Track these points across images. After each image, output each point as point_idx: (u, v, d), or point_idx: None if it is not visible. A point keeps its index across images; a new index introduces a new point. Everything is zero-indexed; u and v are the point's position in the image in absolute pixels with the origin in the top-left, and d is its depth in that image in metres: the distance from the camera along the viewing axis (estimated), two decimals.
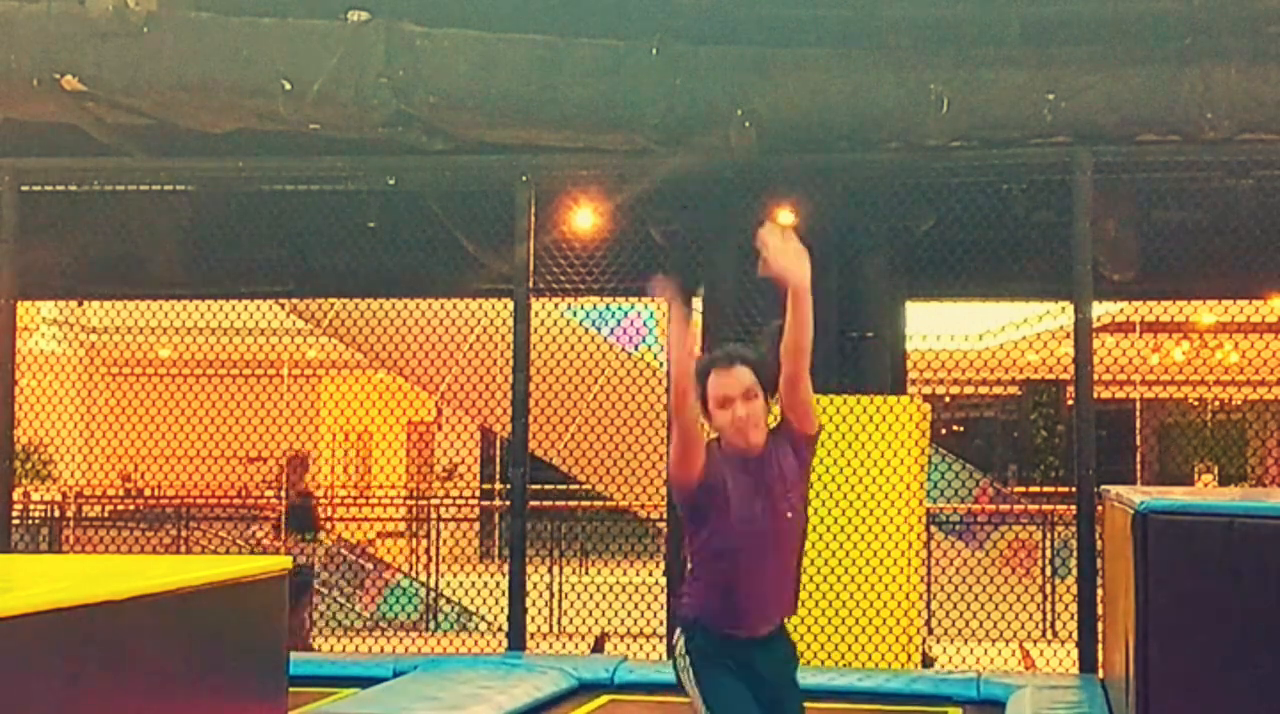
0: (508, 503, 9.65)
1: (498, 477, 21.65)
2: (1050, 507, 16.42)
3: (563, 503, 17.56)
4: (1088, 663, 8.22)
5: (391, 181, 9.42)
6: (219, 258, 10.53)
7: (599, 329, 15.77)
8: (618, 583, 13.34)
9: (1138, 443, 18.79)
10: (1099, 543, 8.16)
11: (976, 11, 8.55)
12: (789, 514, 4.50)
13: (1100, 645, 8.09)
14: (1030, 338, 18.54)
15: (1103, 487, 7.81)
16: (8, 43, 8.51)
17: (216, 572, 5.28)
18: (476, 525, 20.45)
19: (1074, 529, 8.82)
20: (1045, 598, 14.64)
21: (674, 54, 8.52)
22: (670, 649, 4.65)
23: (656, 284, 4.61)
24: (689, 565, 4.53)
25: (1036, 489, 20.34)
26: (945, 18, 8.60)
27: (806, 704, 4.62)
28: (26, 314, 13.98)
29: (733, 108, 8.45)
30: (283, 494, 12.99)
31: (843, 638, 8.63)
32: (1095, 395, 8.54)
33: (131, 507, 19.91)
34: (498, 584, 10.40)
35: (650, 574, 13.12)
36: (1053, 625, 14.22)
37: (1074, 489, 8.64)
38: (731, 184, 9.26)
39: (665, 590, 10.06)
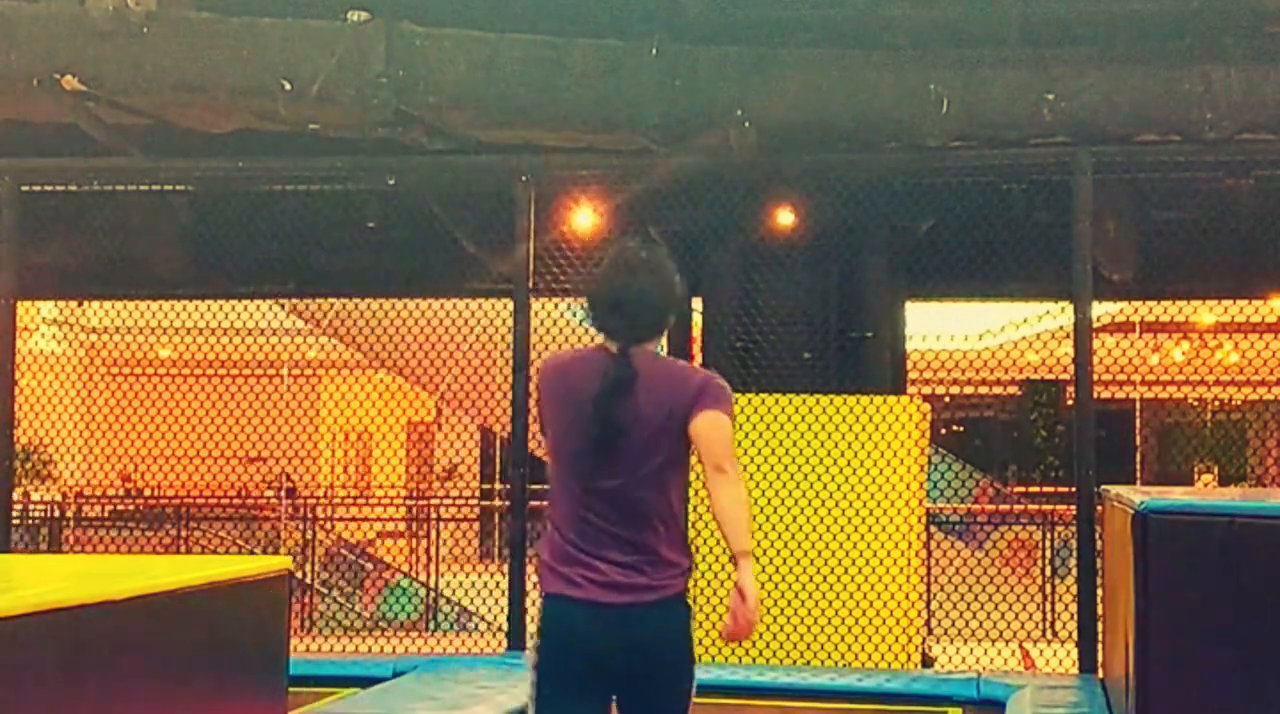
0: (508, 503, 9.65)
1: (498, 477, 21.64)
2: (1050, 507, 16.43)
3: None
4: (1088, 663, 8.22)
5: (391, 181, 9.42)
6: (219, 258, 10.52)
7: None
8: None
9: (1138, 443, 18.79)
10: (1099, 543, 8.16)
11: (976, 11, 8.55)
12: None
13: (1100, 645, 8.09)
14: (1030, 338, 18.55)
15: (1103, 487, 7.81)
16: (8, 43, 8.51)
17: (216, 572, 5.28)
18: (476, 525, 20.44)
19: (1074, 529, 8.82)
20: (1045, 598, 14.64)
21: (674, 54, 8.51)
22: (680, 616, 4.19)
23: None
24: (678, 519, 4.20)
25: (1036, 489, 20.34)
26: (945, 18, 8.59)
27: (808, 704, 4.62)
28: (26, 314, 13.98)
29: (733, 108, 8.45)
30: None
31: (842, 638, 8.62)
32: (1095, 395, 8.54)
33: (131, 507, 19.91)
34: (498, 584, 10.40)
35: None
36: (1053, 625, 14.22)
37: (1074, 489, 8.64)
38: (731, 184, 9.26)
39: None
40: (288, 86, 8.41)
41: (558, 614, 4.08)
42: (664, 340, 4.34)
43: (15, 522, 10.52)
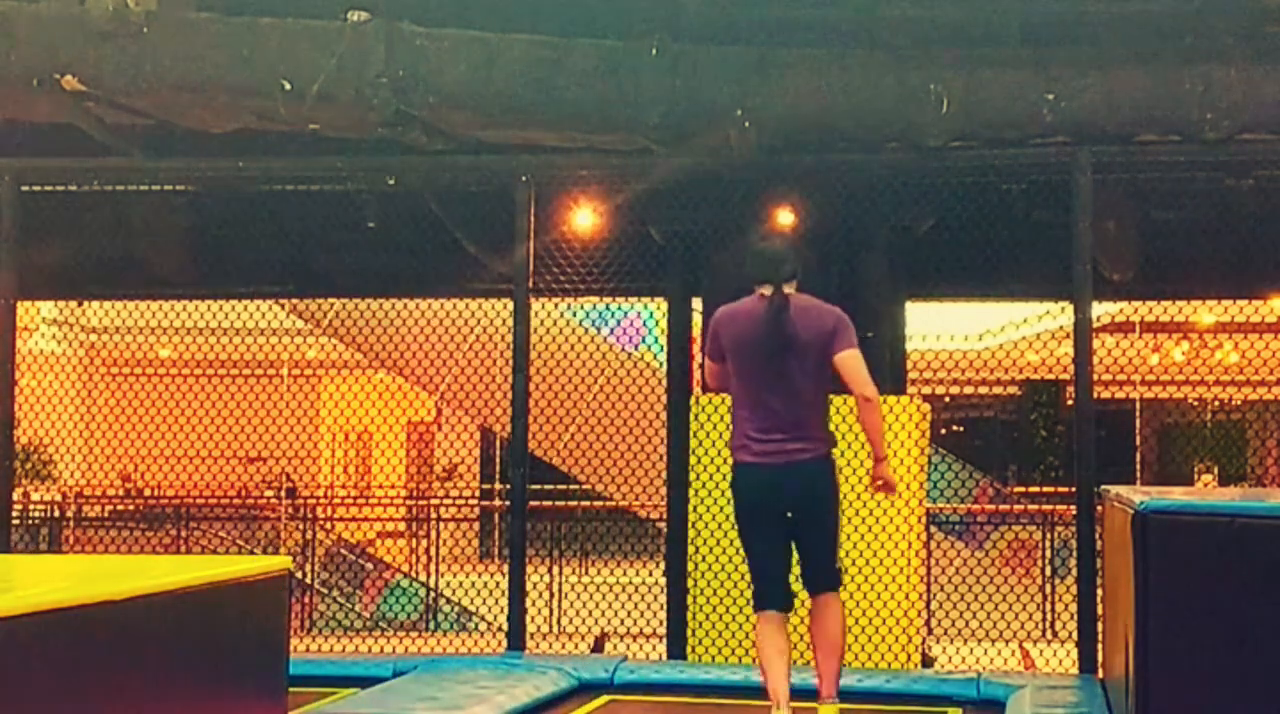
0: (508, 503, 9.65)
1: (498, 477, 21.67)
2: (1050, 507, 16.44)
3: (563, 503, 17.58)
4: (1088, 663, 8.22)
5: (391, 181, 9.42)
6: (219, 258, 10.52)
7: (599, 329, 15.80)
8: (617, 583, 13.35)
9: (1138, 443, 18.80)
10: (1099, 543, 8.16)
11: (976, 11, 8.55)
12: None
13: (1100, 645, 8.09)
14: (1030, 338, 18.56)
15: (1103, 487, 7.81)
16: (8, 43, 8.51)
17: (216, 572, 5.28)
18: (476, 525, 20.46)
19: (1074, 529, 8.82)
20: (1045, 598, 14.65)
21: (674, 54, 8.51)
22: (825, 468, 6.39)
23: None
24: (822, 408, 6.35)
25: (1036, 489, 20.35)
26: (945, 18, 8.59)
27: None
28: (26, 314, 13.99)
29: (733, 108, 8.45)
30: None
31: None
32: (1095, 395, 8.53)
33: (131, 507, 19.92)
34: (498, 584, 10.41)
35: (650, 574, 13.13)
36: (1053, 625, 14.24)
37: (1074, 489, 8.64)
38: (731, 184, 9.26)
39: (665, 590, 10.05)
40: (288, 86, 8.40)
41: (744, 476, 6.33)
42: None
43: (15, 522, 10.52)
